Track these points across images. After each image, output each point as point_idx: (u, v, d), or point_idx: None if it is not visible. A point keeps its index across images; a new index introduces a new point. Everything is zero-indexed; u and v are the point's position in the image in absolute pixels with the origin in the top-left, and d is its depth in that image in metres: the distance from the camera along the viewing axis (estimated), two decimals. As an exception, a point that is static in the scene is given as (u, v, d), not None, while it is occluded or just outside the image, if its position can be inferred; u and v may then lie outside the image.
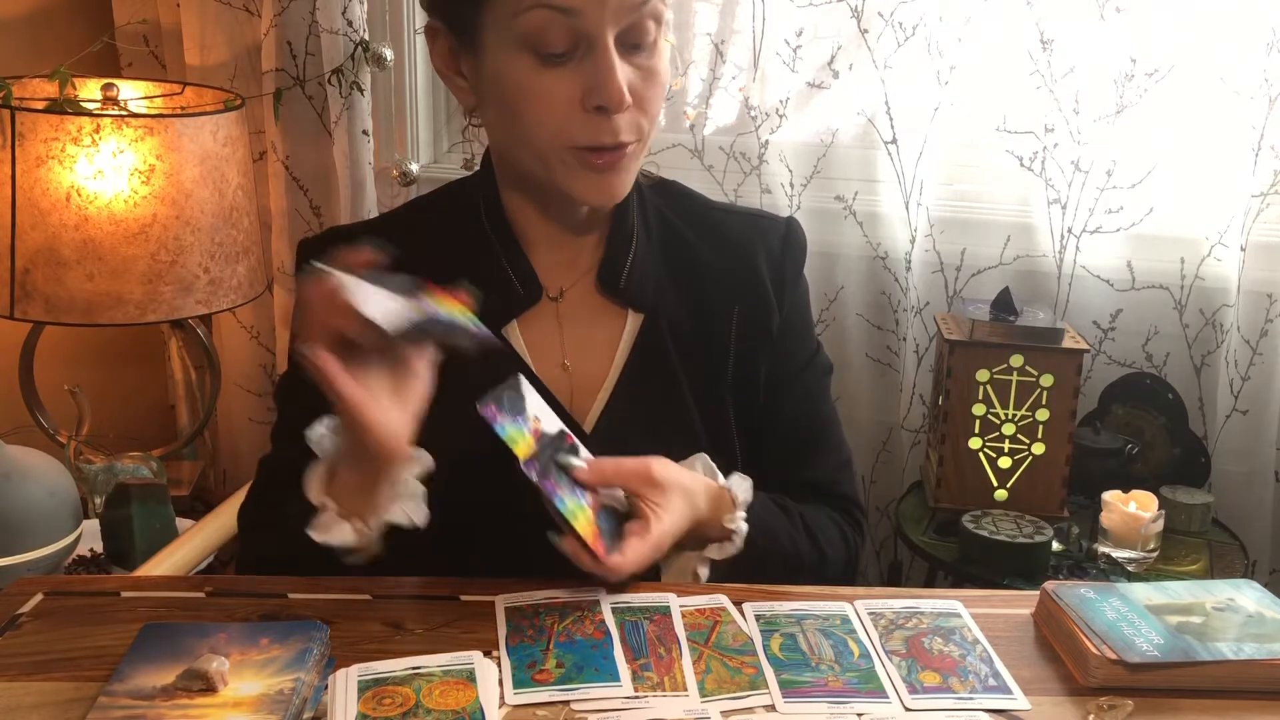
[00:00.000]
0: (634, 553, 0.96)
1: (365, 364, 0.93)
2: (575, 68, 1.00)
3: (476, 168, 1.20)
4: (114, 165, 1.73)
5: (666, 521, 1.00)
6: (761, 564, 1.09)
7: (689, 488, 1.04)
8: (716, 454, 1.11)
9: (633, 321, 1.15)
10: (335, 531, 0.99)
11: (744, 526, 1.07)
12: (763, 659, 0.92)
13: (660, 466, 1.02)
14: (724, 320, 1.16)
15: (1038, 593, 1.01)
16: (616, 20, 0.98)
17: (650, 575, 1.06)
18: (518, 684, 0.88)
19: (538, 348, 1.14)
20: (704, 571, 1.08)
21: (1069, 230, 1.92)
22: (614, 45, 0.99)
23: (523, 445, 0.96)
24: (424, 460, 1.01)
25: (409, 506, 1.00)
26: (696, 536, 1.07)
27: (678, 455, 1.08)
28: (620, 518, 1.01)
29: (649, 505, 1.00)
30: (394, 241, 1.17)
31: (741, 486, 1.09)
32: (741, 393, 1.17)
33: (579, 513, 0.96)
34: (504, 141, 1.10)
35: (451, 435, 0.97)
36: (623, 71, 1.00)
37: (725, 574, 1.08)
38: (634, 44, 1.01)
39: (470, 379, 1.01)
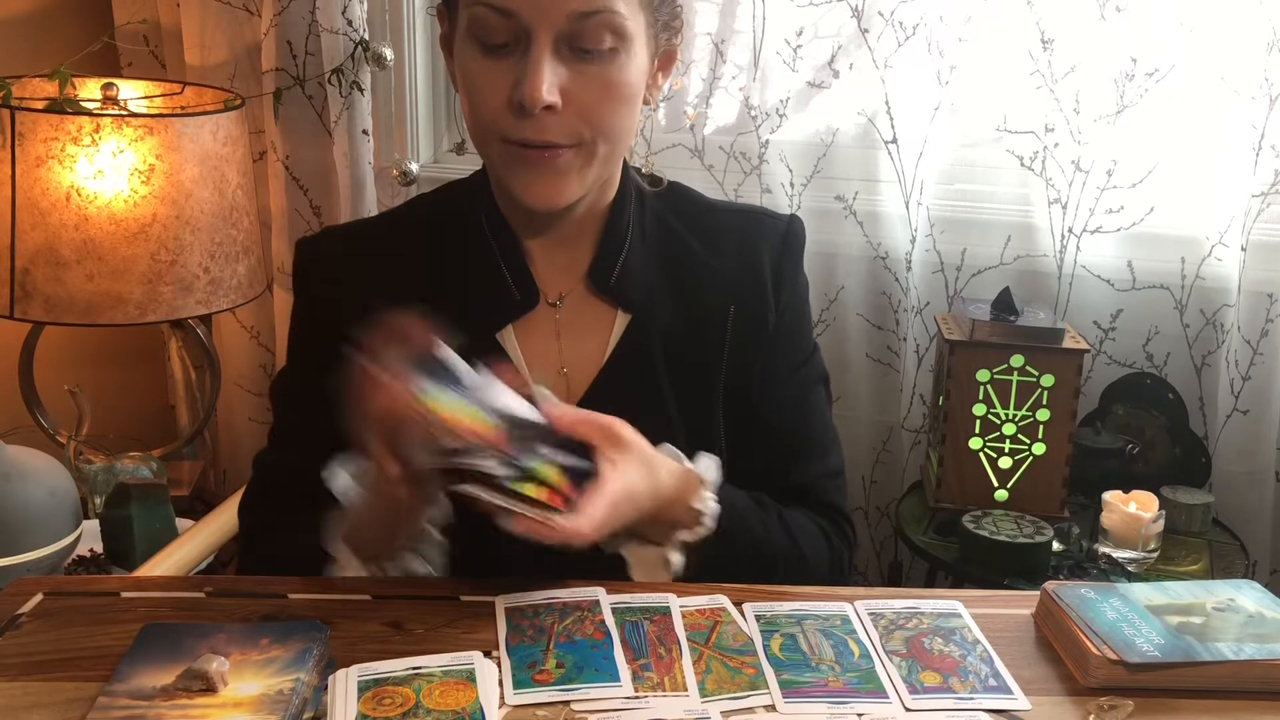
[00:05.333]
0: (590, 510, 0.92)
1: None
2: (514, 62, 1.00)
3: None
4: (114, 165, 1.73)
5: (622, 479, 0.96)
6: (735, 554, 1.07)
7: (650, 458, 1.00)
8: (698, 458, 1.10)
9: (620, 322, 1.15)
10: (351, 572, 1.03)
11: (713, 507, 1.05)
12: (763, 659, 0.92)
13: (627, 427, 0.99)
14: (719, 319, 1.16)
15: (1038, 593, 1.01)
16: (553, 24, 0.99)
17: (618, 572, 1.05)
18: (518, 684, 0.88)
19: (534, 354, 1.14)
20: (675, 558, 1.05)
21: (1069, 230, 1.92)
22: (556, 47, 1.00)
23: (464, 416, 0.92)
24: (443, 507, 1.01)
25: (428, 553, 1.04)
26: (663, 521, 1.04)
27: None
28: (580, 457, 0.97)
29: (606, 459, 0.96)
30: (392, 241, 1.17)
31: (709, 468, 1.08)
32: (734, 394, 1.16)
33: (546, 467, 0.93)
34: (467, 128, 1.10)
35: None
36: (557, 74, 1.00)
37: (698, 565, 1.06)
38: (584, 49, 1.01)
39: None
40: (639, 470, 0.98)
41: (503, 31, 1.00)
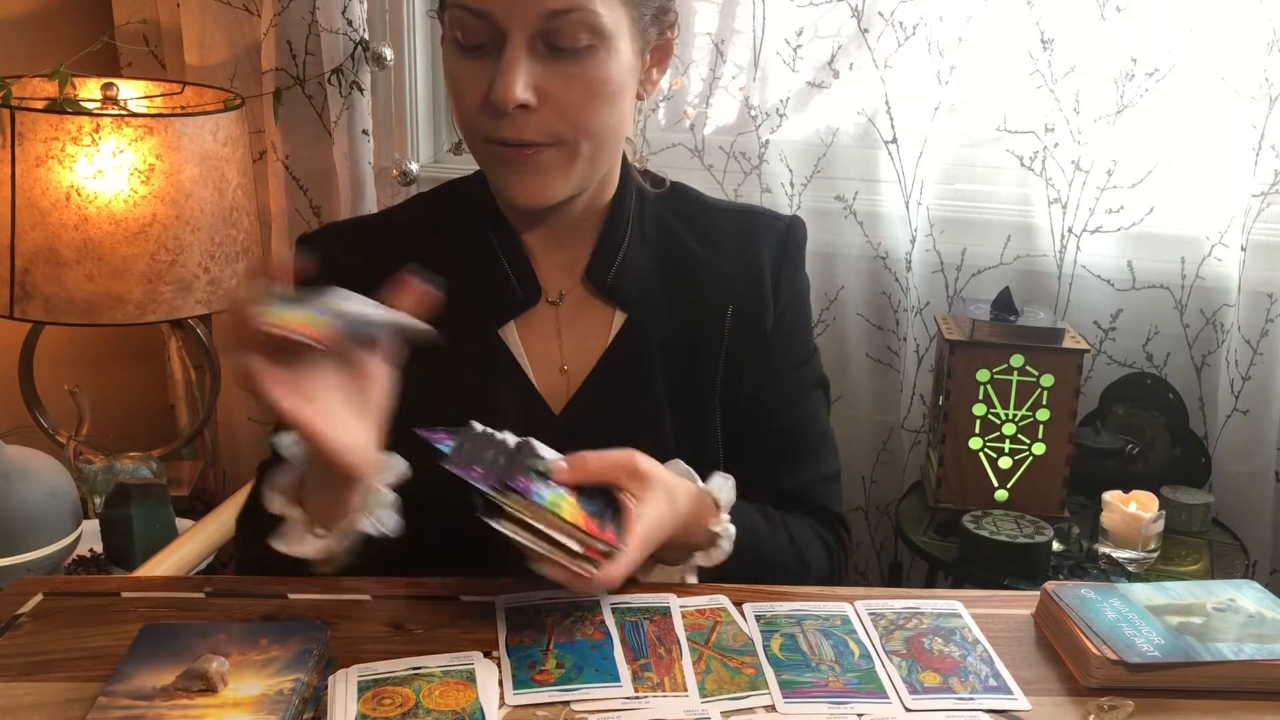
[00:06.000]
0: (623, 555, 0.92)
1: (311, 372, 0.89)
2: (491, 61, 1.01)
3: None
4: (114, 165, 1.73)
5: (650, 516, 0.95)
6: (746, 571, 1.07)
7: (670, 485, 1.00)
8: (690, 459, 1.09)
9: (618, 320, 1.15)
10: (299, 543, 0.99)
11: (731, 529, 1.05)
12: (763, 659, 0.92)
13: (644, 458, 0.98)
14: (717, 320, 1.16)
15: (1038, 593, 1.01)
16: (526, 24, 0.99)
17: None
18: (518, 684, 0.88)
19: (535, 351, 1.14)
20: (691, 580, 1.06)
21: (1069, 230, 1.92)
22: (532, 46, 1.00)
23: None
24: (396, 467, 1.00)
25: (380, 515, 1.00)
26: (680, 544, 1.04)
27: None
28: (604, 499, 0.96)
29: (631, 498, 0.95)
30: (393, 238, 1.17)
31: (724, 488, 1.07)
32: (730, 394, 1.16)
33: (561, 502, 0.92)
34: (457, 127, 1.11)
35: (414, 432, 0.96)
36: (532, 72, 1.00)
37: (709, 579, 1.06)
38: (560, 48, 1.00)
39: (456, 379, 1.01)
40: (662, 500, 0.98)
41: (480, 32, 1.00)
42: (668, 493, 0.99)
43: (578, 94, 1.02)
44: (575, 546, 0.90)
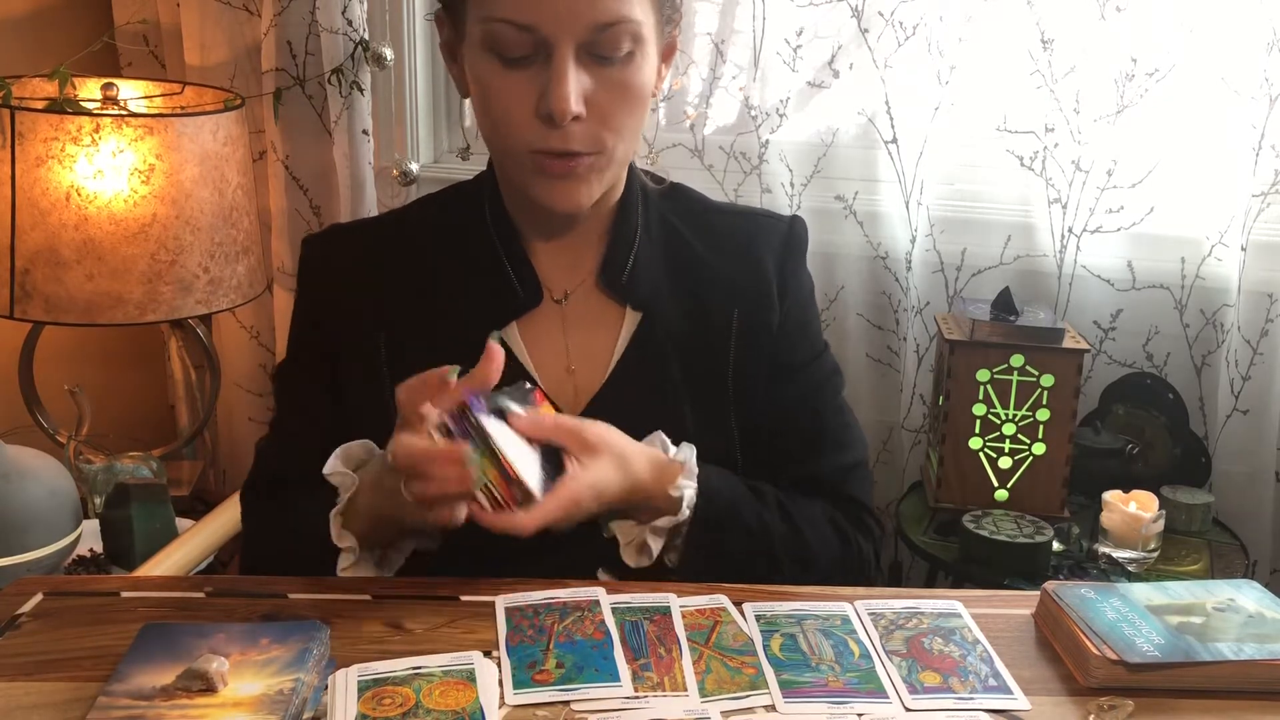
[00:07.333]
0: (542, 506, 0.96)
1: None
2: (535, 73, 1.01)
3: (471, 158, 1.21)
4: (114, 165, 1.73)
5: (584, 479, 0.99)
6: (724, 541, 1.08)
7: (624, 453, 1.03)
8: (709, 456, 1.10)
9: (630, 321, 1.15)
10: (360, 568, 1.04)
11: (690, 494, 1.06)
12: (763, 659, 0.92)
13: (596, 429, 1.02)
14: (725, 322, 1.16)
15: (1038, 593, 1.01)
16: (574, 36, 0.99)
17: (612, 559, 1.07)
18: (518, 684, 0.88)
19: (540, 351, 1.14)
20: (655, 543, 1.06)
21: (1069, 230, 1.92)
22: (577, 56, 1.00)
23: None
24: None
25: (428, 536, 1.06)
26: (642, 507, 1.06)
27: None
28: (556, 461, 1.00)
29: (574, 462, 0.99)
30: (397, 240, 1.18)
31: (690, 455, 1.08)
32: (742, 394, 1.17)
33: (509, 447, 0.96)
34: (484, 136, 1.11)
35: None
36: (581, 82, 1.00)
37: (687, 553, 1.07)
38: (603, 56, 1.01)
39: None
40: (608, 467, 1.01)
41: (523, 45, 1.00)
42: (616, 460, 1.02)
43: (617, 99, 1.03)
44: (497, 491, 0.94)
